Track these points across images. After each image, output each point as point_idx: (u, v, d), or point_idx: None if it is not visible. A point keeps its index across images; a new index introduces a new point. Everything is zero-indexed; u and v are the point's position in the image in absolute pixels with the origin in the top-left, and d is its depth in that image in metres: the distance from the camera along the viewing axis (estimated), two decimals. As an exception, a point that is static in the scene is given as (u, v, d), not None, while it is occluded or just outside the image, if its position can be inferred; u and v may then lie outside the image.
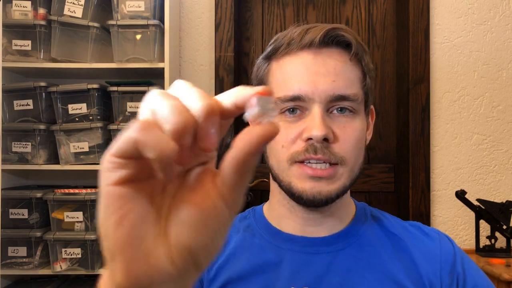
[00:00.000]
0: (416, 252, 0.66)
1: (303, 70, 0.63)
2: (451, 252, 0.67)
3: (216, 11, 1.87)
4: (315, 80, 0.62)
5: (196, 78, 1.89)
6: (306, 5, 1.99)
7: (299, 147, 0.62)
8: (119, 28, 1.60)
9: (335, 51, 0.64)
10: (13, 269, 1.57)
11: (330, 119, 0.62)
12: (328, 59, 0.63)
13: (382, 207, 1.98)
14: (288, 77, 0.64)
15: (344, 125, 0.63)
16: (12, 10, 1.61)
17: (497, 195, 1.84)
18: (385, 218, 0.72)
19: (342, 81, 0.62)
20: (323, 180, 0.62)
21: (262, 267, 0.66)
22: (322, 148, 0.61)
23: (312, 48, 0.63)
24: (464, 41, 1.87)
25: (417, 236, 0.69)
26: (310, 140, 0.61)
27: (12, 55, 1.62)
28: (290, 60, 0.64)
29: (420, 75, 1.85)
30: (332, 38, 0.63)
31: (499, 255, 1.63)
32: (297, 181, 0.63)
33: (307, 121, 0.62)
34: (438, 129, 1.86)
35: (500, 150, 1.86)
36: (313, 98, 0.61)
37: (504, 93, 1.86)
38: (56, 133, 1.61)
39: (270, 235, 0.69)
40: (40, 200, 1.58)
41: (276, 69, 0.66)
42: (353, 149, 0.63)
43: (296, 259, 0.66)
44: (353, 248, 0.67)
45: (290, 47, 0.64)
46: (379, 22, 1.99)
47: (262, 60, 0.70)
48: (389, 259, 0.66)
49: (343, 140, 0.62)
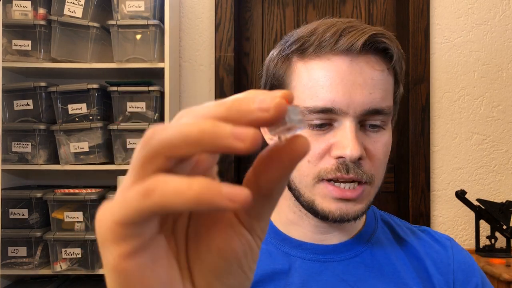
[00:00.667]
0: (428, 261, 0.64)
1: (337, 79, 0.55)
2: (465, 262, 0.66)
3: (216, 11, 1.87)
4: (351, 92, 0.55)
5: (196, 78, 1.89)
6: (306, 5, 1.99)
7: (328, 164, 0.56)
8: (119, 28, 1.60)
9: (373, 58, 0.57)
10: (13, 269, 1.57)
11: (362, 133, 0.57)
12: (366, 67, 0.56)
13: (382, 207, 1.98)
14: (318, 84, 0.56)
15: (375, 140, 0.58)
16: (12, 10, 1.61)
17: (497, 195, 1.84)
18: (396, 224, 0.70)
19: (379, 92, 0.56)
20: (351, 202, 0.57)
21: (271, 275, 0.62)
22: (354, 168, 0.55)
23: (350, 54, 0.56)
24: (464, 41, 1.87)
25: (428, 243, 0.67)
26: (341, 158, 0.55)
27: (12, 55, 1.62)
28: (322, 65, 0.57)
29: (420, 75, 1.85)
30: (372, 44, 0.56)
31: (499, 255, 1.63)
32: (322, 200, 0.58)
33: (337, 135, 0.56)
34: (438, 129, 1.86)
35: (500, 150, 1.86)
36: (347, 112, 0.55)
37: (504, 93, 1.86)
38: (56, 133, 1.61)
39: (277, 241, 0.65)
40: (40, 200, 1.58)
41: (303, 72, 0.58)
42: (383, 166, 0.59)
43: (306, 267, 0.62)
44: (365, 256, 0.64)
45: (321, 49, 0.56)
46: (379, 22, 1.99)
47: (281, 56, 0.61)
48: (402, 267, 0.63)
49: (374, 157, 0.57)
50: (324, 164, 0.57)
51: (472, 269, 0.65)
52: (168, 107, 1.63)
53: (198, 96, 1.89)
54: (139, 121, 1.63)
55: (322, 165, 0.57)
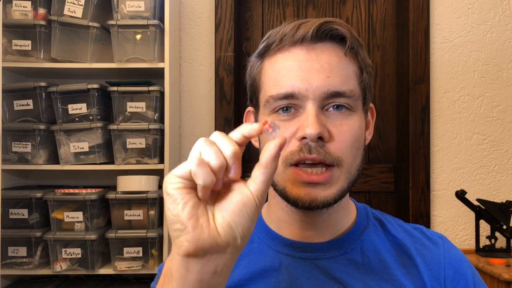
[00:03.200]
0: (419, 258, 0.65)
1: (295, 67, 0.60)
2: (456, 259, 0.66)
3: (216, 11, 1.87)
4: (309, 77, 0.59)
5: (196, 78, 1.89)
6: (306, 5, 1.99)
7: (293, 147, 0.59)
8: (119, 28, 1.60)
9: (329, 45, 0.61)
10: (13, 269, 1.57)
11: (325, 117, 0.60)
12: (322, 54, 0.60)
13: (382, 207, 1.99)
14: (280, 74, 0.61)
15: (340, 123, 0.60)
16: (12, 10, 1.61)
17: (497, 195, 1.84)
18: (388, 222, 0.70)
19: (337, 77, 0.60)
20: (319, 185, 0.59)
21: (261, 273, 0.64)
22: (317, 148, 0.58)
23: (305, 43, 0.60)
24: (464, 41, 1.87)
25: (420, 241, 0.67)
26: (304, 139, 0.58)
27: (12, 55, 1.62)
28: (283, 57, 0.62)
29: (420, 75, 1.85)
30: (325, 32, 0.60)
31: (499, 255, 1.63)
32: (292, 186, 0.60)
33: (301, 119, 0.59)
34: (438, 129, 1.86)
35: (500, 150, 1.86)
36: (306, 95, 0.59)
37: (504, 93, 1.86)
38: (56, 133, 1.61)
39: (269, 239, 0.67)
40: (40, 200, 1.58)
41: (269, 66, 0.63)
42: (350, 149, 0.60)
43: (296, 265, 0.64)
44: (355, 254, 0.65)
45: (282, 43, 0.61)
46: (379, 22, 1.99)
47: (255, 58, 0.67)
48: (393, 265, 0.64)
49: (339, 139, 0.59)
50: (289, 148, 0.60)
51: (463, 266, 0.66)
52: (168, 107, 1.63)
53: (198, 96, 1.89)
54: (139, 121, 1.63)
55: (288, 148, 0.60)
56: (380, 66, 1.98)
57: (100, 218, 1.63)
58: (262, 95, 0.64)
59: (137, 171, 1.63)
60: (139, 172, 1.63)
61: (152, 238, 1.56)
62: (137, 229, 1.58)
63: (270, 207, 0.70)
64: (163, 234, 1.60)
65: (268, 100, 0.62)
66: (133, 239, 1.56)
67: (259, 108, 0.66)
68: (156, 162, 1.63)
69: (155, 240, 1.56)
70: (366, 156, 1.96)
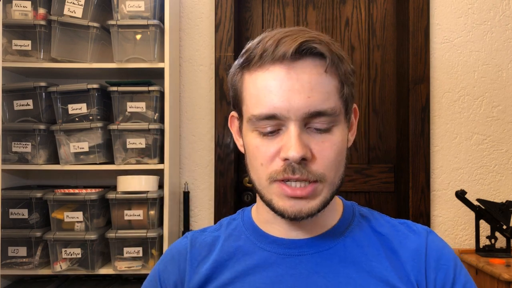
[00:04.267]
0: (402, 250, 0.67)
1: (277, 87, 0.60)
2: (438, 250, 0.67)
3: (216, 11, 1.87)
4: (289, 97, 0.59)
5: (196, 78, 1.89)
6: (306, 5, 1.99)
7: (277, 166, 0.61)
8: (119, 28, 1.60)
9: (310, 63, 0.61)
10: (13, 269, 1.57)
11: (307, 135, 0.61)
12: (303, 73, 0.60)
13: (382, 207, 1.99)
14: (261, 93, 0.61)
15: (323, 140, 0.61)
16: (12, 10, 1.61)
17: (497, 195, 1.84)
18: (374, 218, 0.72)
19: (318, 95, 0.60)
20: (303, 199, 0.61)
21: (247, 270, 0.66)
22: (300, 168, 0.60)
23: (285, 61, 0.60)
24: (464, 41, 1.87)
25: (404, 234, 0.69)
26: (287, 160, 0.60)
27: (12, 55, 1.62)
28: (263, 76, 0.62)
29: (420, 75, 1.85)
30: (305, 51, 0.60)
31: (499, 255, 1.63)
32: (278, 199, 0.62)
33: (284, 138, 0.61)
34: (438, 129, 1.86)
35: (500, 150, 1.86)
36: (288, 116, 0.60)
37: (504, 93, 1.86)
38: (56, 133, 1.61)
39: (255, 237, 0.69)
40: (40, 200, 1.58)
41: (250, 82, 0.64)
42: (333, 165, 0.62)
43: (282, 262, 0.66)
44: (339, 249, 0.67)
45: (262, 59, 0.62)
46: (379, 22, 1.99)
47: (236, 69, 0.67)
48: (376, 258, 0.66)
49: (322, 158, 0.61)
50: (274, 167, 0.62)
51: (445, 258, 0.67)
52: (168, 107, 1.63)
53: (198, 96, 1.89)
54: (139, 121, 1.63)
55: (272, 167, 0.62)
56: (380, 66, 1.98)
57: (100, 218, 1.63)
58: (244, 109, 0.66)
59: (137, 171, 1.63)
60: (139, 172, 1.63)
61: (152, 238, 1.56)
62: (137, 229, 1.58)
63: (258, 208, 0.72)
64: (163, 234, 1.60)
65: (250, 118, 0.63)
66: (133, 239, 1.56)
67: (243, 120, 0.67)
68: (156, 162, 1.63)
69: (155, 240, 1.56)
70: (366, 156, 1.97)
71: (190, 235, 0.74)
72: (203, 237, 0.73)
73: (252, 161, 0.65)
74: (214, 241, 0.71)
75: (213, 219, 1.84)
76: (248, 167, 0.67)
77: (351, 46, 1.98)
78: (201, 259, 0.70)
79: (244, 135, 0.67)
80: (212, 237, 0.72)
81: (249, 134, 0.65)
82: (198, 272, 0.68)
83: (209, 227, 0.75)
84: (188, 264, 0.70)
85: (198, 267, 0.69)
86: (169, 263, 0.72)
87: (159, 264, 0.73)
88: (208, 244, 0.71)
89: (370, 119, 1.98)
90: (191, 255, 0.70)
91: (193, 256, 0.70)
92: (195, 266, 0.69)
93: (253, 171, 0.65)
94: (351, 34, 1.99)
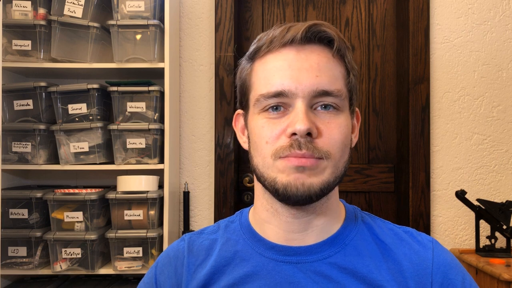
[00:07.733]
0: (405, 262, 0.65)
1: (285, 66, 0.62)
2: (446, 264, 0.65)
3: (216, 11, 1.87)
4: (298, 76, 0.61)
5: (196, 78, 1.89)
6: (306, 5, 1.99)
7: (283, 143, 0.61)
8: (119, 28, 1.60)
9: (318, 47, 0.64)
10: (13, 269, 1.57)
11: (314, 115, 0.62)
12: (311, 54, 0.63)
13: (382, 207, 1.99)
14: (270, 73, 0.63)
15: (329, 121, 0.62)
16: (12, 10, 1.61)
17: (497, 195, 1.84)
18: (377, 226, 0.70)
19: (326, 76, 0.62)
20: (306, 170, 0.60)
21: (245, 278, 0.65)
22: (306, 143, 0.60)
23: (294, 44, 0.63)
24: (464, 41, 1.87)
25: (409, 245, 0.67)
26: (294, 135, 0.60)
27: (12, 55, 1.62)
28: (273, 57, 0.64)
29: (420, 75, 1.85)
30: (314, 34, 0.63)
31: (499, 255, 1.63)
32: (282, 175, 0.61)
33: (291, 116, 0.62)
34: (438, 129, 1.86)
35: (500, 150, 1.86)
36: (296, 93, 0.61)
37: (504, 93, 1.86)
38: (56, 133, 1.61)
39: (253, 242, 0.68)
40: (40, 200, 1.58)
41: (259, 67, 0.66)
42: (339, 145, 0.62)
43: (279, 269, 0.65)
44: (338, 257, 0.65)
45: (272, 44, 0.64)
46: (379, 22, 1.99)
47: (245, 60, 0.69)
48: (376, 268, 0.64)
49: (328, 135, 0.62)
50: (279, 143, 0.62)
51: (452, 272, 0.65)
52: (168, 107, 1.63)
53: (198, 96, 1.89)
54: (139, 121, 1.63)
55: (278, 144, 0.62)
56: (380, 66, 1.98)
57: (100, 218, 1.63)
58: (252, 95, 0.66)
59: (137, 171, 1.63)
60: (139, 172, 1.63)
61: (152, 238, 1.56)
62: (137, 229, 1.58)
63: (255, 208, 0.71)
64: (163, 234, 1.60)
65: (258, 99, 0.64)
66: (133, 239, 1.57)
67: (249, 108, 0.67)
68: (156, 162, 1.63)
69: (155, 240, 1.56)
70: (366, 156, 1.96)
71: (187, 238, 0.73)
72: (201, 240, 0.72)
73: (257, 142, 0.64)
74: (211, 245, 0.71)
75: (213, 219, 1.84)
76: (251, 154, 0.67)
77: (351, 46, 1.98)
78: (199, 264, 0.69)
79: (249, 121, 0.67)
80: (209, 240, 0.71)
81: (255, 118, 0.65)
82: (196, 278, 0.68)
83: (207, 228, 0.75)
84: (185, 269, 0.69)
85: (195, 272, 0.68)
86: (166, 266, 0.71)
87: (155, 266, 0.73)
88: (205, 248, 0.70)
89: (370, 119, 1.98)
90: (188, 259, 0.70)
91: (190, 261, 0.70)
92: (192, 271, 0.69)
93: (258, 152, 0.64)
94: (351, 34, 1.99)
